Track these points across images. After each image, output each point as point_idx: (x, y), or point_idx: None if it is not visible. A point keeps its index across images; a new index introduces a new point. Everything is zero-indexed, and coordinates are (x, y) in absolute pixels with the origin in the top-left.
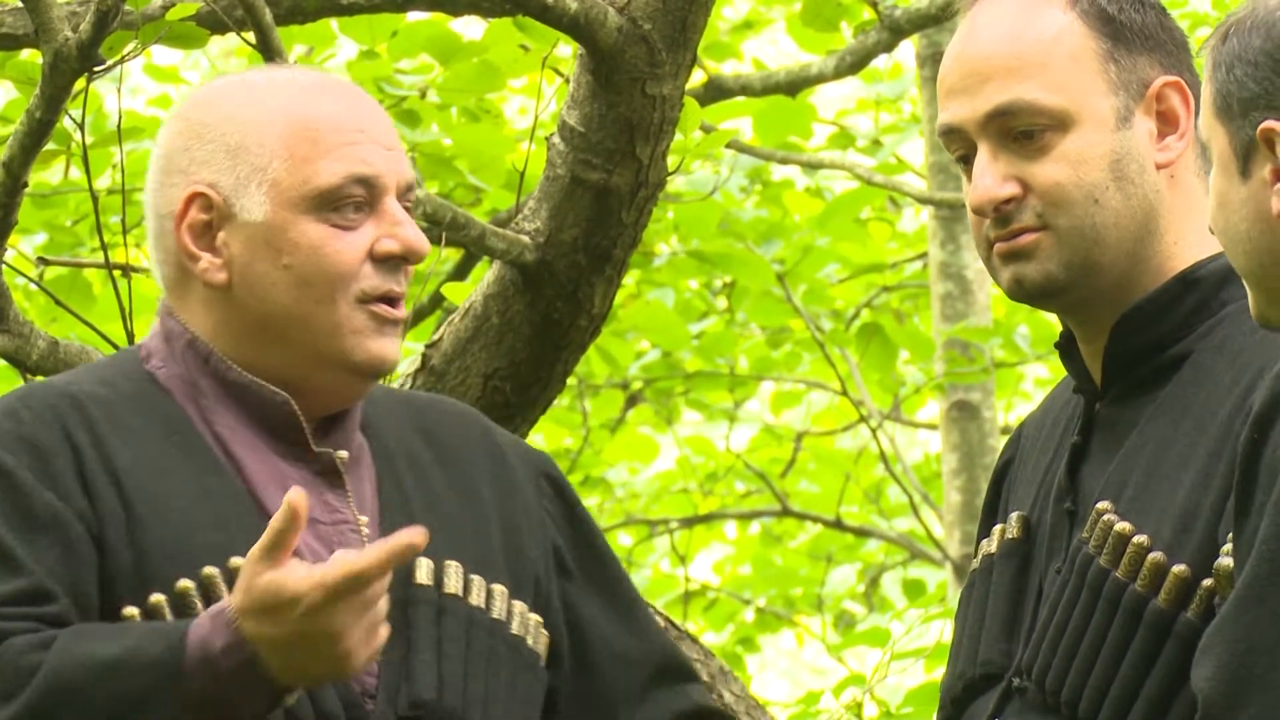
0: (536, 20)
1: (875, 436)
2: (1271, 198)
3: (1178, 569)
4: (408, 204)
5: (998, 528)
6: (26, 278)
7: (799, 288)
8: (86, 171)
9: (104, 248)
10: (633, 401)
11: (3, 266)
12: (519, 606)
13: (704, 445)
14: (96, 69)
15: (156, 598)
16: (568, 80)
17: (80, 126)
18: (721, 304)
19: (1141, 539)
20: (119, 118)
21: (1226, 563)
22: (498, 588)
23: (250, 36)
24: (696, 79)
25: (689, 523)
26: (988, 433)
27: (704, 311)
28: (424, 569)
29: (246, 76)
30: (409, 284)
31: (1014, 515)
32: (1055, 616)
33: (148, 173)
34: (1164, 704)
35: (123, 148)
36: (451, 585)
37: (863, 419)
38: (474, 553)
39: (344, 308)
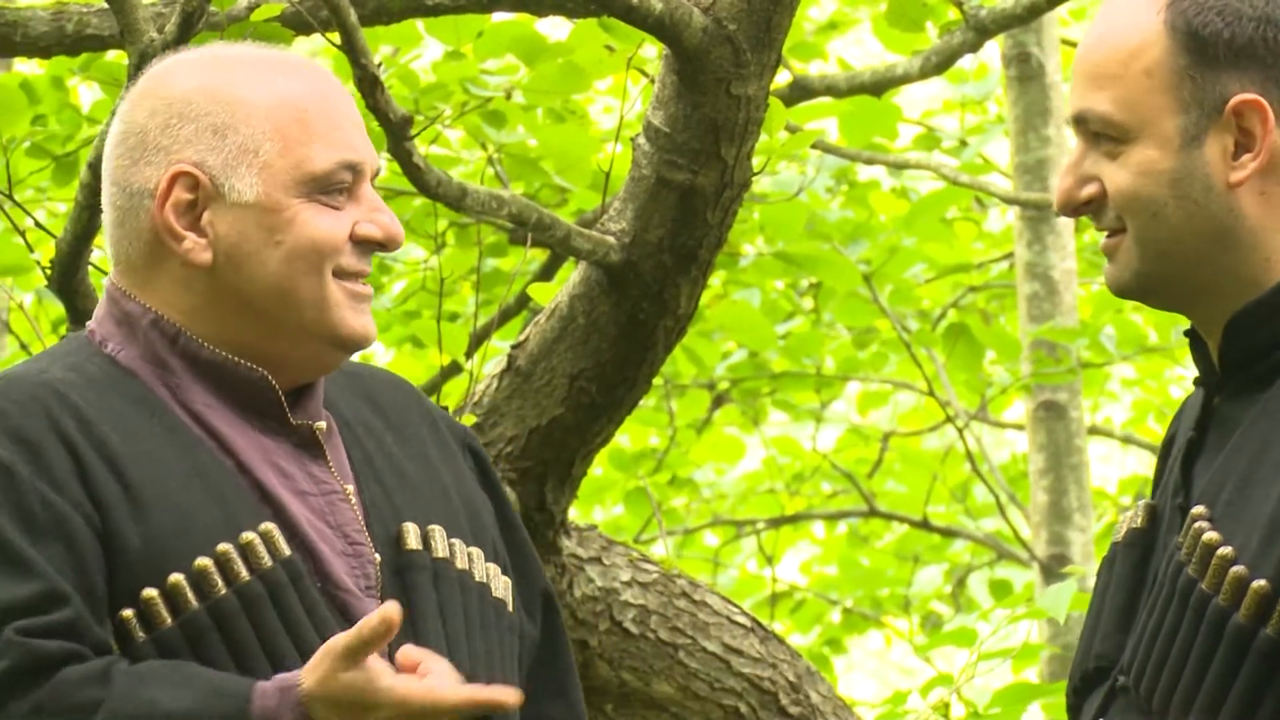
0: (621, 21)
1: (962, 436)
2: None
3: (1257, 584)
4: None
5: (1127, 515)
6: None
7: (885, 288)
8: None
9: None
10: (719, 402)
11: (89, 268)
12: (493, 569)
13: (790, 445)
14: None
15: (175, 578)
16: (653, 81)
17: None
18: (808, 304)
19: (1226, 551)
20: None
21: None
22: (474, 550)
23: (335, 37)
24: (782, 79)
25: (776, 523)
26: (1074, 433)
27: (790, 312)
28: (412, 534)
29: (209, 53)
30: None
31: (1141, 504)
32: (1150, 620)
33: (106, 149)
34: (1247, 718)
35: None
36: (439, 550)
37: (949, 419)
38: (445, 517)
39: (329, 280)
